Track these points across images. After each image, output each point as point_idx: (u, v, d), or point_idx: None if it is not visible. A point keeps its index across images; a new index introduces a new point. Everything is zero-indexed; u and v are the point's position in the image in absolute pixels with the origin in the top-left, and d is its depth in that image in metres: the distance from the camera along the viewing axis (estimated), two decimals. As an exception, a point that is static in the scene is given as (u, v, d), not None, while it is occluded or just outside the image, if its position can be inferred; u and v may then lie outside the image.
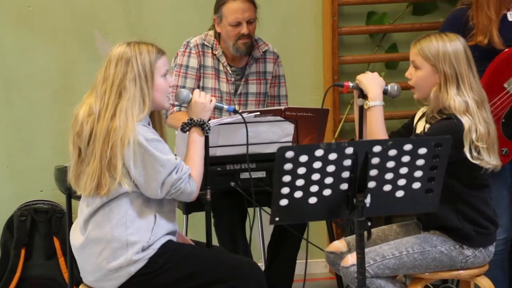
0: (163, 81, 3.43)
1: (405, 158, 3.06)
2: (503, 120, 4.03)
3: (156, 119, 3.50)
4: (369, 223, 3.09)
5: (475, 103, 3.48)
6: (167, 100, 3.47)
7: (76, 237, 3.45)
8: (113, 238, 3.35)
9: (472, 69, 3.53)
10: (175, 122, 4.21)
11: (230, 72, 4.42)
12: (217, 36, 4.41)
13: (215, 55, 4.41)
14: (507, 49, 4.04)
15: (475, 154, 3.44)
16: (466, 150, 3.42)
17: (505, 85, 4.05)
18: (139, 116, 3.34)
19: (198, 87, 4.38)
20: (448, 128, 3.43)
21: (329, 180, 3.04)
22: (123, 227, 3.35)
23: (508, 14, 4.09)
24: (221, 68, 4.42)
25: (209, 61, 4.41)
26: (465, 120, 3.43)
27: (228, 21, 4.31)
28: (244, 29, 4.31)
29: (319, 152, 2.98)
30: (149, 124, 3.43)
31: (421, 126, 3.60)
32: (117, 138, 3.29)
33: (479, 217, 3.52)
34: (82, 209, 3.44)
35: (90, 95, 3.40)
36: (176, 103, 4.33)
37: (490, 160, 3.47)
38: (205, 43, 4.42)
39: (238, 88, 4.45)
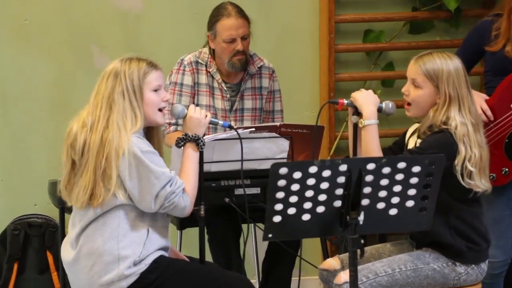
0: (154, 96, 3.43)
1: (399, 176, 3.07)
2: (507, 140, 4.03)
3: (154, 136, 3.51)
4: (362, 241, 3.09)
5: (472, 127, 3.49)
6: (160, 115, 3.47)
7: (67, 251, 3.44)
8: (105, 251, 3.34)
9: (470, 91, 3.56)
10: (171, 142, 4.20)
11: (225, 88, 4.42)
12: (212, 52, 4.42)
13: (209, 72, 4.41)
14: None
15: (467, 179, 3.45)
16: (456, 165, 3.42)
17: None
18: (132, 129, 3.35)
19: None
20: (440, 141, 3.44)
21: (322, 197, 3.03)
22: (115, 240, 3.35)
23: None
24: (215, 85, 4.42)
25: (203, 79, 4.41)
26: (462, 147, 3.43)
27: (223, 38, 4.32)
28: (239, 46, 4.31)
29: (313, 169, 2.99)
30: (143, 136, 3.42)
31: (412, 142, 3.61)
32: (111, 148, 3.30)
33: (471, 232, 3.52)
34: (74, 223, 3.44)
35: (86, 108, 3.44)
36: (172, 121, 4.34)
37: (480, 184, 3.47)
38: (199, 60, 4.42)
39: (234, 104, 4.45)
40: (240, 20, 4.32)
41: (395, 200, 3.10)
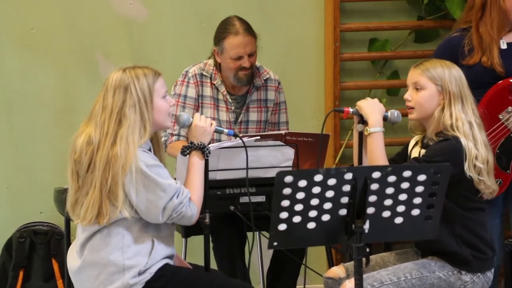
0: (163, 102, 3.43)
1: (404, 185, 3.06)
2: (498, 151, 4.05)
3: (154, 143, 3.50)
4: (367, 249, 3.09)
5: (477, 125, 3.50)
6: (169, 120, 3.47)
7: (73, 260, 3.44)
8: (110, 262, 3.34)
9: (471, 96, 3.56)
10: (174, 151, 4.21)
11: (230, 100, 4.43)
12: (217, 65, 4.42)
13: (214, 84, 4.42)
14: (501, 81, 4.06)
15: (476, 175, 3.44)
16: (466, 169, 3.42)
17: (500, 117, 4.06)
18: (140, 142, 3.33)
19: None
20: (446, 149, 3.44)
21: (328, 205, 3.03)
22: (120, 251, 3.34)
23: (501, 41, 4.11)
24: (220, 97, 4.42)
25: (207, 91, 4.42)
26: (470, 144, 3.44)
27: (230, 55, 4.31)
28: (246, 63, 4.31)
29: (318, 177, 2.98)
30: (150, 149, 3.42)
31: (415, 153, 3.61)
32: (118, 166, 3.27)
33: (477, 241, 3.52)
34: (79, 233, 3.43)
35: (88, 124, 3.38)
36: (175, 132, 4.34)
37: (488, 182, 3.47)
38: (204, 73, 4.42)
39: (239, 116, 4.45)
40: (248, 38, 4.31)
41: (400, 208, 3.09)
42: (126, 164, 3.27)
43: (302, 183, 2.98)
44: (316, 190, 3.00)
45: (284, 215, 3.01)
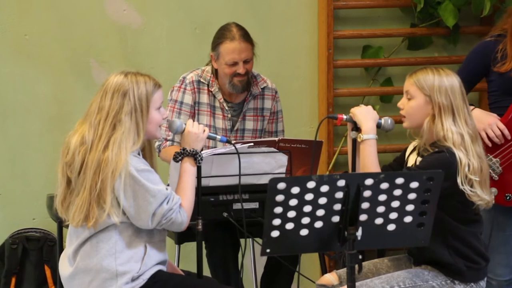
0: (157, 114, 3.43)
1: (397, 192, 3.07)
2: None
3: (146, 149, 3.50)
4: (360, 256, 3.09)
5: (469, 137, 3.48)
6: (159, 130, 3.47)
7: (64, 267, 3.43)
8: (102, 268, 3.33)
9: (467, 105, 3.54)
10: (168, 156, 4.21)
11: (226, 108, 4.42)
12: (214, 72, 4.42)
13: (211, 91, 4.41)
14: None
15: (468, 187, 3.43)
16: (459, 183, 3.42)
17: None
18: (132, 148, 3.33)
19: None
20: (439, 161, 3.43)
21: (320, 212, 3.04)
22: (112, 257, 3.34)
23: None
24: (217, 104, 4.42)
25: (204, 98, 4.41)
26: (461, 154, 3.43)
27: (225, 60, 4.31)
28: (240, 69, 4.31)
29: (311, 184, 2.99)
30: (139, 154, 3.42)
31: (412, 160, 3.60)
32: (108, 171, 3.27)
33: (470, 252, 3.51)
34: (71, 239, 3.43)
35: (83, 124, 3.39)
36: (169, 137, 4.34)
37: (482, 194, 3.46)
38: (201, 79, 4.42)
39: (235, 124, 4.45)
40: (244, 44, 4.31)
41: (393, 215, 3.10)
42: (116, 170, 3.27)
43: (295, 189, 2.98)
44: (309, 196, 3.00)
45: (277, 221, 3.01)
